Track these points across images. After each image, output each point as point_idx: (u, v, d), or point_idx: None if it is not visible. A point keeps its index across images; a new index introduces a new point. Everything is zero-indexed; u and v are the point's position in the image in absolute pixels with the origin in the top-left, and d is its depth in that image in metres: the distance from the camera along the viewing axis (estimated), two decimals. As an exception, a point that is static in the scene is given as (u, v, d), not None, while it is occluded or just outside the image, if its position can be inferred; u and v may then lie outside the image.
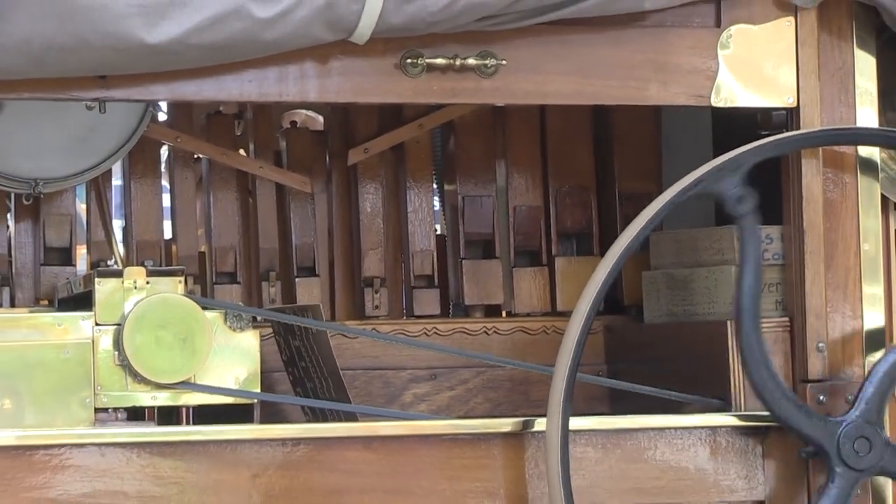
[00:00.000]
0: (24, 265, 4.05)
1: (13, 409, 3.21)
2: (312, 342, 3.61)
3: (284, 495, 3.24)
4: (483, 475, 3.32)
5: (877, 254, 3.50)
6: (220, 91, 3.26)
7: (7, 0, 2.95)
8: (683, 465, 3.40)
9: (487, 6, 3.17)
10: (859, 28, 3.49)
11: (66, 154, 3.86)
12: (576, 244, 4.21)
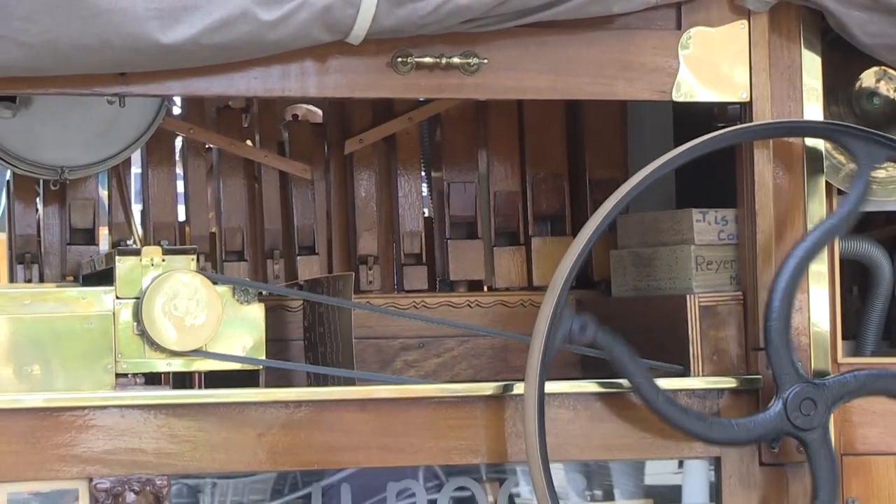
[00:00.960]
0: (52, 245, 4.05)
1: (42, 374, 3.21)
2: (336, 310, 3.62)
3: (287, 452, 3.25)
4: (466, 434, 3.32)
5: (823, 234, 3.49)
6: (228, 87, 3.25)
7: (37, 4, 2.94)
8: (647, 424, 3.40)
9: (471, 10, 3.17)
10: (806, 30, 3.50)
11: (90, 144, 3.85)
12: (550, 225, 4.21)
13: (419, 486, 3.45)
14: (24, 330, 3.23)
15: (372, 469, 3.40)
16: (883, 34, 3.40)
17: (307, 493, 3.43)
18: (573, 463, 3.74)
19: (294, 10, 3.09)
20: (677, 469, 3.76)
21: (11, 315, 3.22)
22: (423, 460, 3.39)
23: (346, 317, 3.55)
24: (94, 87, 3.17)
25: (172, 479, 3.19)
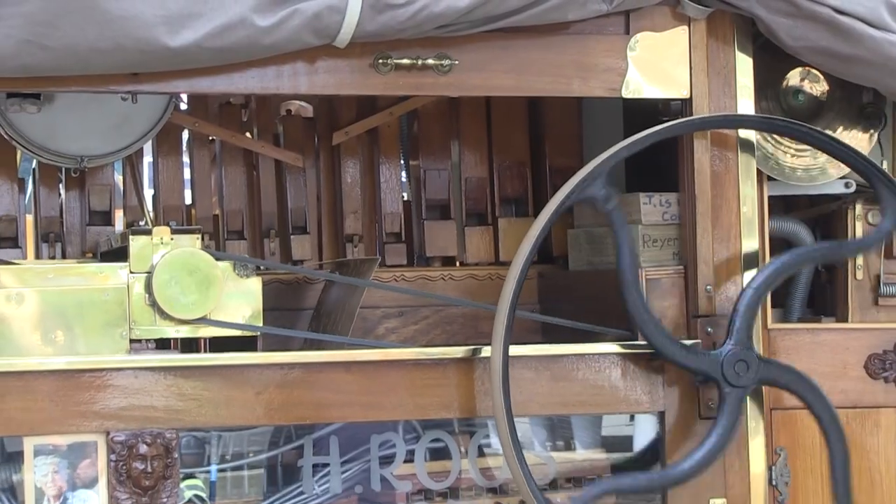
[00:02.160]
0: (73, 225, 4.04)
1: (65, 340, 3.20)
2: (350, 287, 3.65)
3: (281, 408, 3.24)
4: (440, 392, 3.31)
5: (753, 215, 3.51)
6: (229, 85, 3.24)
7: (58, 12, 2.93)
8: (600, 383, 3.40)
9: (444, 17, 3.16)
10: (740, 35, 3.49)
11: (106, 136, 3.83)
12: (514, 208, 4.20)
13: (399, 438, 3.46)
14: (48, 301, 3.21)
15: (357, 423, 3.41)
16: (805, 38, 3.40)
17: (300, 444, 3.43)
18: (537, 417, 3.76)
19: (287, 17, 3.08)
20: (629, 422, 3.77)
21: (37, 287, 3.21)
22: (403, 415, 3.39)
23: (358, 294, 3.56)
24: (109, 86, 3.16)
25: (180, 433, 3.19)
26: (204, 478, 3.43)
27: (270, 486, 3.49)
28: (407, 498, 3.48)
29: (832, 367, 3.55)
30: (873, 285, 3.80)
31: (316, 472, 3.44)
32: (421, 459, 3.45)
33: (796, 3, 3.34)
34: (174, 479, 3.14)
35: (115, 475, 3.10)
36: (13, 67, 2.99)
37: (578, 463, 3.80)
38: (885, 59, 3.42)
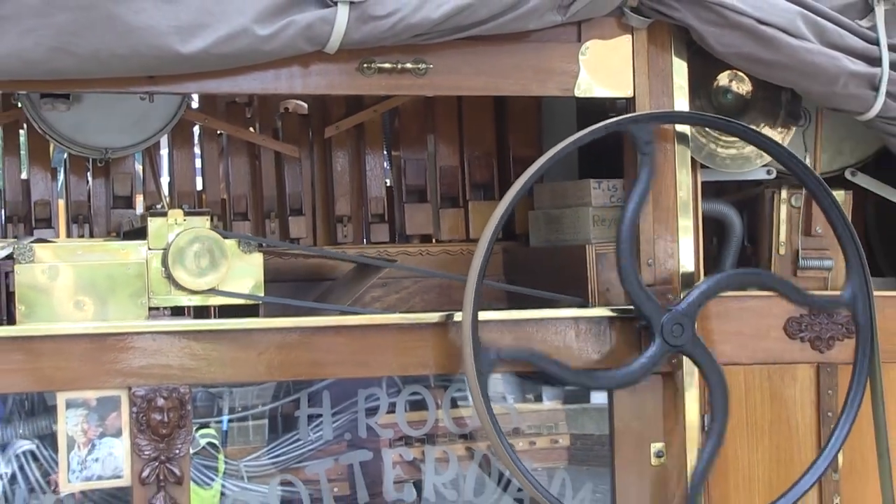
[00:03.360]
0: (99, 208, 4.04)
1: (93, 308, 3.21)
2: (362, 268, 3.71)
3: (281, 367, 3.25)
4: (419, 352, 3.32)
5: (688, 198, 3.53)
6: (234, 86, 3.25)
7: (84, 23, 2.93)
8: (556, 343, 3.41)
9: (419, 27, 3.17)
10: (676, 43, 3.50)
11: (127, 131, 3.85)
12: (483, 192, 4.21)
13: (382, 392, 3.48)
14: (78, 274, 3.22)
15: (346, 379, 3.42)
16: (732, 45, 3.41)
17: (297, 397, 3.45)
18: (510, 374, 3.78)
19: (283, 27, 3.08)
20: None
21: (69, 262, 3.22)
22: (386, 372, 3.42)
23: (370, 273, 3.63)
24: (129, 87, 3.16)
25: (193, 388, 3.20)
26: (217, 427, 3.44)
27: (272, 434, 3.51)
28: (390, 444, 3.50)
29: (756, 328, 3.57)
30: (793, 259, 3.81)
31: (311, 421, 3.45)
32: (402, 410, 3.47)
33: (724, 14, 3.36)
34: (187, 429, 3.15)
35: (136, 425, 3.11)
36: (44, 71, 2.99)
37: (538, 413, 3.81)
38: (800, 64, 3.44)
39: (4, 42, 2.90)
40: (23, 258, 3.18)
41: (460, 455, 3.55)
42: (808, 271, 3.81)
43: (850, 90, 3.51)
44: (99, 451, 3.11)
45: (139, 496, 3.12)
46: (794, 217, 3.81)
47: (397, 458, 3.49)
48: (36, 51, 2.93)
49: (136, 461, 3.11)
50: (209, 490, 3.35)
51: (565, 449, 3.73)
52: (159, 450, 3.12)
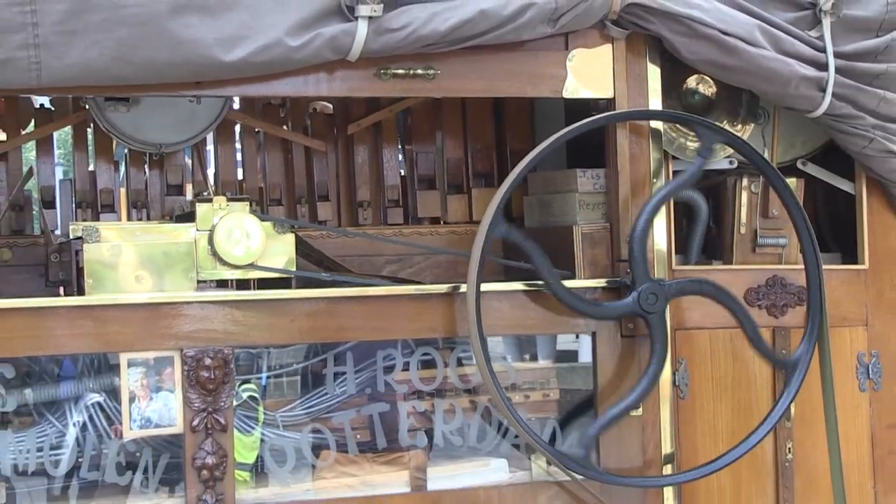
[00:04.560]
0: (154, 196, 4.07)
1: (150, 281, 3.25)
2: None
3: (310, 331, 3.28)
4: (429, 318, 3.34)
5: (662, 185, 3.53)
6: (269, 90, 3.26)
7: (141, 36, 2.96)
8: (550, 310, 3.42)
9: (428, 38, 3.20)
10: (650, 51, 3.51)
11: (178, 129, 3.87)
12: (484, 181, 4.22)
13: (398, 353, 3.47)
14: (137, 252, 3.25)
15: (367, 342, 3.43)
16: (699, 53, 3.42)
17: (324, 357, 3.46)
18: (510, 337, 3.81)
19: (311, 38, 3.11)
20: (575, 340, 3.80)
21: (130, 242, 3.25)
22: (401, 336, 3.42)
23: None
24: (179, 91, 3.19)
25: (236, 349, 3.22)
26: (256, 383, 3.45)
27: (304, 389, 3.51)
28: (404, 397, 3.51)
29: (721, 298, 3.59)
30: (752, 238, 3.82)
31: (336, 378, 3.46)
32: (414, 368, 3.48)
33: (692, 27, 3.38)
34: (230, 384, 3.18)
35: (187, 381, 3.15)
36: (107, 78, 3.02)
37: (532, 371, 3.82)
38: (758, 69, 3.45)
39: (74, 53, 2.93)
40: (90, 238, 3.21)
41: (465, 407, 3.56)
42: (765, 248, 3.82)
43: (801, 91, 3.53)
44: (155, 403, 3.14)
45: (190, 442, 3.14)
46: (753, 201, 3.82)
47: (411, 409, 3.50)
48: (100, 60, 2.96)
49: (187, 412, 3.14)
50: (250, 437, 3.37)
51: (555, 402, 3.73)
52: (207, 402, 3.15)
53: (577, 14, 3.33)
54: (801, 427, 3.70)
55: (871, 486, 3.80)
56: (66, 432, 3.24)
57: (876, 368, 3.81)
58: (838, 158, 3.84)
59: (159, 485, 3.26)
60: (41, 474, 3.21)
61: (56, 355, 3.22)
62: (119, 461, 3.23)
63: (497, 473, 3.51)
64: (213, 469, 3.14)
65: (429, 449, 3.50)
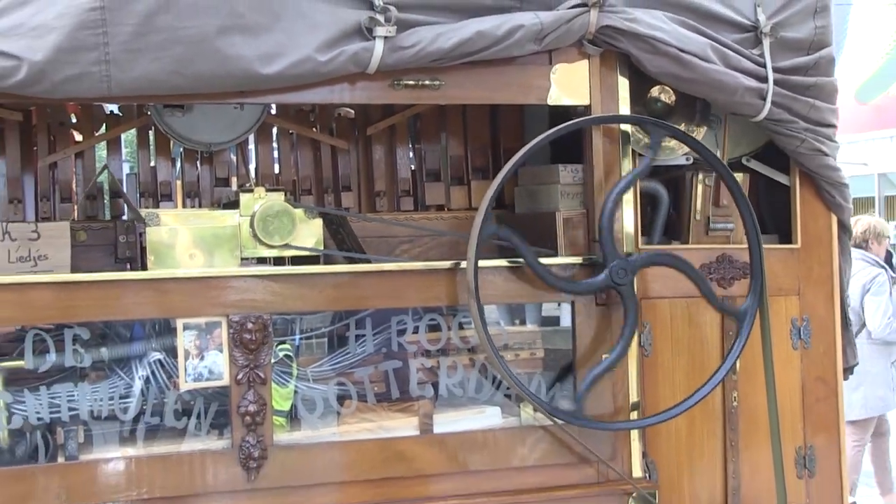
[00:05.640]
0: (205, 187, 4.05)
1: (202, 258, 3.25)
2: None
3: (335, 300, 3.27)
4: (435, 290, 3.33)
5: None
6: (301, 98, 3.26)
7: (193, 53, 2.96)
8: (534, 284, 3.41)
9: (434, 55, 3.19)
10: (620, 65, 3.49)
11: (224, 131, 3.85)
12: (481, 174, 4.19)
13: (409, 318, 3.46)
14: (191, 234, 3.25)
15: (383, 309, 3.41)
16: (661, 67, 3.42)
17: (347, 322, 3.45)
18: (503, 305, 3.79)
19: (336, 55, 3.10)
20: (557, 307, 3.80)
21: (185, 226, 3.25)
22: (412, 304, 3.40)
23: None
24: (225, 100, 3.18)
25: (273, 315, 3.22)
26: (291, 343, 3.45)
27: (330, 349, 3.51)
28: (414, 356, 3.50)
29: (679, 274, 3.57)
30: (705, 223, 3.81)
31: (357, 340, 3.45)
32: (423, 331, 3.47)
33: (655, 45, 3.37)
34: (269, 344, 3.18)
35: (232, 342, 3.15)
36: (165, 88, 3.02)
37: (521, 333, 3.82)
38: (710, 81, 3.45)
39: (138, 68, 2.93)
40: (152, 223, 3.22)
41: (465, 364, 3.55)
42: (716, 231, 3.82)
43: (746, 100, 3.53)
44: (206, 360, 3.15)
45: (235, 393, 3.15)
46: (706, 192, 3.80)
47: (419, 366, 3.49)
48: (160, 74, 2.96)
49: (233, 368, 3.15)
50: (286, 388, 3.37)
51: (541, 360, 3.73)
52: (249, 360, 3.15)
53: (559, 34, 3.32)
54: (745, 379, 3.71)
55: (801, 428, 3.80)
56: (133, 384, 3.24)
57: (806, 330, 3.81)
58: (776, 156, 3.84)
59: (210, 428, 3.26)
60: (113, 419, 3.22)
61: (124, 320, 3.22)
62: (176, 408, 3.24)
63: (492, 419, 3.51)
64: (254, 415, 3.15)
65: (434, 399, 3.49)
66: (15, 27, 2.87)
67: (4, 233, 3.38)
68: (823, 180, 3.78)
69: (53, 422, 3.15)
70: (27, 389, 3.13)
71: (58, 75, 2.89)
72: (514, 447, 3.39)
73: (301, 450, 3.24)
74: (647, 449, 3.55)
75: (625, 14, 3.38)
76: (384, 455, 3.27)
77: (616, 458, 3.47)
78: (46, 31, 2.86)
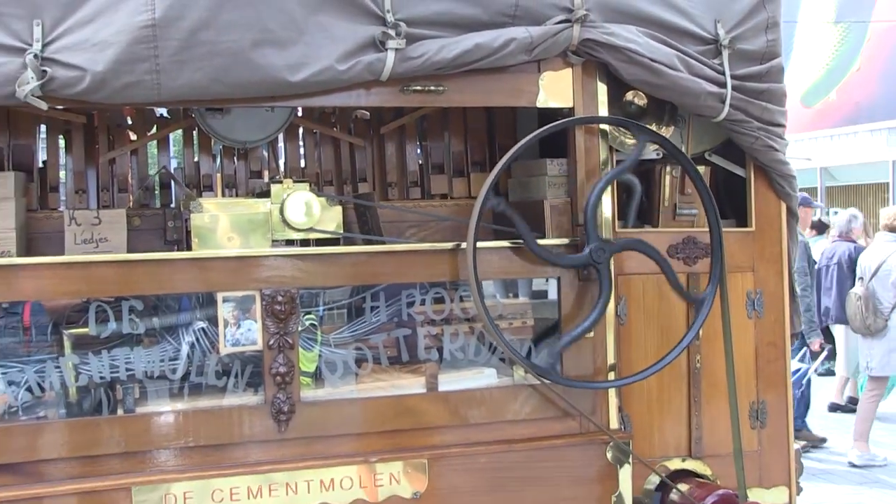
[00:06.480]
0: (241, 179, 4.04)
1: (238, 241, 3.24)
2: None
3: (353, 276, 3.26)
4: (439, 267, 3.32)
5: (607, 170, 3.50)
6: (323, 102, 3.22)
7: (231, 62, 2.95)
8: (524, 262, 3.41)
9: (439, 63, 3.18)
10: (600, 73, 3.46)
11: (258, 130, 3.85)
12: (479, 167, 4.17)
13: (417, 292, 3.45)
14: (229, 220, 3.24)
15: (394, 284, 3.40)
16: (635, 75, 3.40)
17: (364, 295, 3.44)
18: (498, 281, 3.77)
19: (354, 64, 3.09)
20: (545, 282, 3.79)
21: (223, 213, 3.24)
22: (419, 280, 3.39)
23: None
24: (258, 103, 3.15)
25: (300, 289, 3.20)
26: (315, 313, 3.45)
27: (349, 318, 3.50)
28: (421, 324, 3.49)
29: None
30: (672, 209, 3.81)
31: (373, 310, 3.44)
32: (429, 303, 3.45)
33: (630, 56, 3.35)
34: (296, 315, 3.17)
35: (265, 312, 3.14)
36: (207, 94, 3.01)
37: (514, 305, 3.81)
38: (677, 87, 3.44)
39: (184, 76, 2.93)
40: (195, 210, 3.21)
41: (465, 331, 3.54)
42: (682, 216, 3.81)
43: (708, 103, 3.51)
44: (242, 328, 3.14)
45: (267, 356, 3.14)
46: (673, 182, 3.80)
47: (426, 333, 3.48)
48: (202, 81, 2.95)
49: (265, 335, 3.14)
50: (311, 353, 3.37)
51: (531, 328, 3.72)
52: (279, 328, 3.14)
53: (546, 46, 3.31)
54: (707, 344, 3.70)
55: (754, 385, 3.79)
56: (181, 348, 3.24)
57: (759, 302, 3.80)
58: (734, 151, 3.82)
59: (246, 386, 3.26)
60: (163, 378, 3.22)
61: (172, 294, 3.21)
62: (217, 370, 3.23)
63: (488, 379, 3.50)
64: (284, 376, 3.14)
65: (439, 361, 3.49)
66: (80, 43, 2.87)
67: (71, 219, 3.46)
68: (775, 173, 3.76)
69: (113, 380, 3.16)
70: (91, 353, 3.14)
71: (116, 83, 2.89)
72: (508, 403, 3.38)
73: (324, 405, 3.24)
74: (622, 404, 3.55)
75: (603, 29, 3.36)
76: (396, 410, 3.27)
77: (595, 412, 3.47)
78: (106, 46, 2.86)
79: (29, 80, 2.82)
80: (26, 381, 3.10)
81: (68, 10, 2.89)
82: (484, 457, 3.31)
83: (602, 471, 3.43)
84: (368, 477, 3.18)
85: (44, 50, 2.85)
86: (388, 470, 3.20)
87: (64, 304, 3.21)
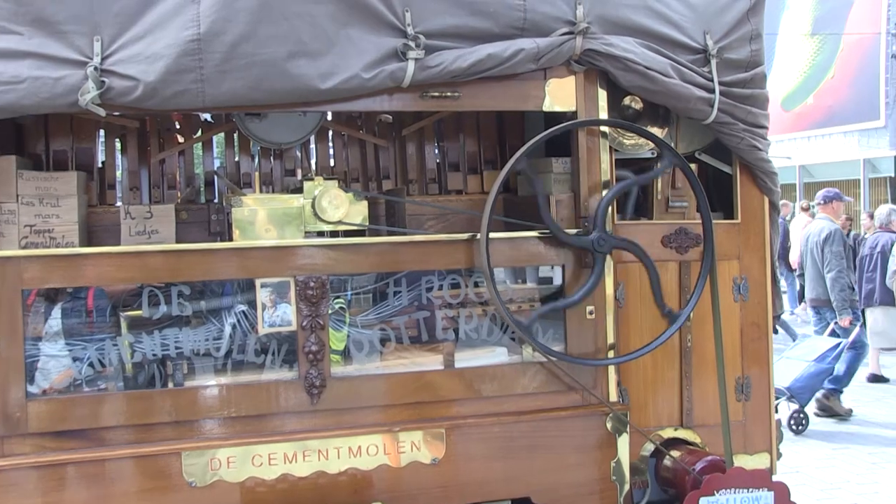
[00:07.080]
0: (276, 177, 4.04)
1: (275, 232, 3.23)
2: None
3: (378, 264, 3.24)
4: (456, 256, 3.29)
5: (607, 168, 3.47)
6: (351, 107, 3.20)
7: (266, 72, 2.93)
8: (532, 250, 3.38)
9: (455, 72, 3.15)
10: (600, 80, 3.42)
11: (291, 132, 3.82)
12: (491, 165, 4.15)
13: (435, 278, 3.44)
14: (266, 213, 3.24)
15: (415, 271, 3.38)
16: (632, 81, 3.37)
17: (387, 281, 3.43)
18: (508, 268, 3.74)
19: (378, 73, 3.07)
20: (551, 269, 3.77)
21: (261, 207, 3.23)
22: (437, 267, 3.37)
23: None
24: (292, 109, 3.15)
25: (330, 276, 3.19)
26: (344, 297, 3.44)
27: (374, 302, 3.49)
28: (439, 307, 3.48)
29: (646, 242, 3.53)
30: (666, 202, 3.77)
31: (395, 295, 3.43)
32: (446, 288, 3.45)
33: (627, 64, 3.32)
34: (327, 299, 3.16)
35: (298, 296, 3.13)
36: (246, 101, 3.00)
37: (523, 290, 3.79)
38: (670, 92, 3.40)
39: (226, 85, 2.93)
40: (236, 204, 3.21)
41: (479, 314, 3.52)
42: (674, 209, 3.77)
43: (698, 107, 3.47)
44: (279, 311, 3.13)
45: (301, 336, 3.14)
46: (666, 178, 3.76)
47: (443, 315, 3.46)
48: (242, 89, 2.94)
49: (299, 316, 3.13)
50: (340, 332, 3.36)
51: (537, 310, 3.71)
52: (311, 310, 3.13)
53: (551, 56, 3.28)
54: (697, 324, 3.67)
55: (739, 362, 3.76)
56: (224, 329, 3.23)
57: (745, 287, 3.76)
58: (721, 150, 3.78)
59: (282, 363, 3.25)
60: (208, 356, 3.22)
61: (216, 280, 3.21)
62: (256, 348, 3.23)
63: (500, 357, 3.48)
64: (315, 353, 3.14)
65: (455, 341, 3.47)
66: (134, 56, 2.88)
67: (126, 213, 3.48)
68: (758, 170, 3.72)
69: (164, 357, 3.17)
70: (145, 332, 3.15)
71: (166, 92, 2.89)
72: (517, 378, 3.37)
73: (352, 380, 3.23)
74: (620, 379, 3.52)
75: (603, 40, 3.32)
76: (416, 385, 3.26)
77: (596, 386, 3.44)
78: (157, 59, 2.87)
79: (90, 89, 2.83)
80: (89, 358, 3.12)
81: (124, 27, 2.90)
82: (496, 427, 3.30)
83: (602, 439, 3.41)
84: (392, 444, 3.18)
85: (102, 63, 2.86)
86: (410, 438, 3.20)
87: (121, 290, 3.22)
